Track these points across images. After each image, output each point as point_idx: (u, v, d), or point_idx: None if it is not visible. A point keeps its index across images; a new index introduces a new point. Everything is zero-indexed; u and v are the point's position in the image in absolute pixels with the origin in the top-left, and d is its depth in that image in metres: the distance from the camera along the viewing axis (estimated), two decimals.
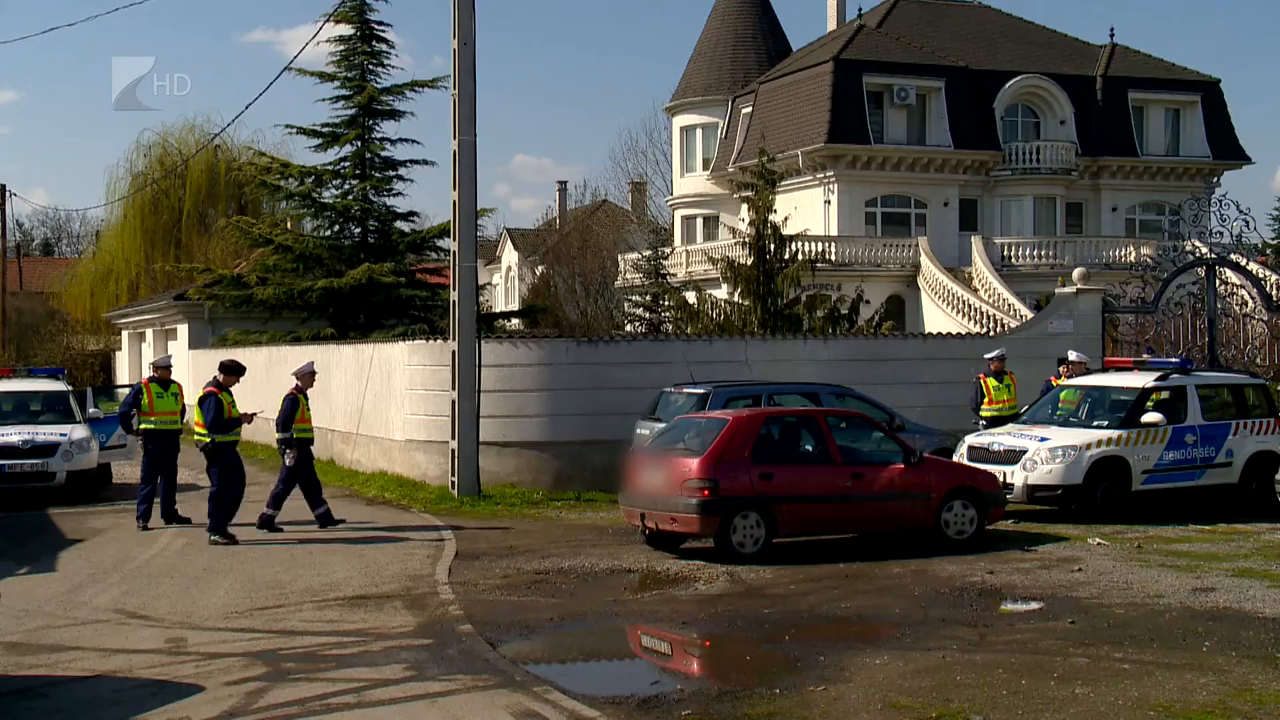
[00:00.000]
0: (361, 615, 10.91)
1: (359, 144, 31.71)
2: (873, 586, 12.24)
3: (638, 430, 17.84)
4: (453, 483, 18.57)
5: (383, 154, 31.94)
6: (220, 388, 15.42)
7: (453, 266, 18.74)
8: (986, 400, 18.90)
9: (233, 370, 15.69)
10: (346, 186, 32.31)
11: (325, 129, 31.90)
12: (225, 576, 12.82)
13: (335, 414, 23.45)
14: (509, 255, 65.86)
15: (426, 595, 11.80)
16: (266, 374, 26.73)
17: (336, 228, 32.69)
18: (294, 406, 15.98)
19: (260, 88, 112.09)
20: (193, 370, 35.22)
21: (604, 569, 13.24)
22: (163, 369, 17.10)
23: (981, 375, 19.05)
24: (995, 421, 18.53)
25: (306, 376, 16.45)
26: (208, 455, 15.33)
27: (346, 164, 32.05)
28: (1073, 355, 19.61)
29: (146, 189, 49.09)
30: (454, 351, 18.41)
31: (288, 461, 15.96)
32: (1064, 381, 18.86)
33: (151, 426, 16.55)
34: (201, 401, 15.30)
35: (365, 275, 29.82)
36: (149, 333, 42.39)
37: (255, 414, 16.18)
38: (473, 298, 18.75)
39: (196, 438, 15.43)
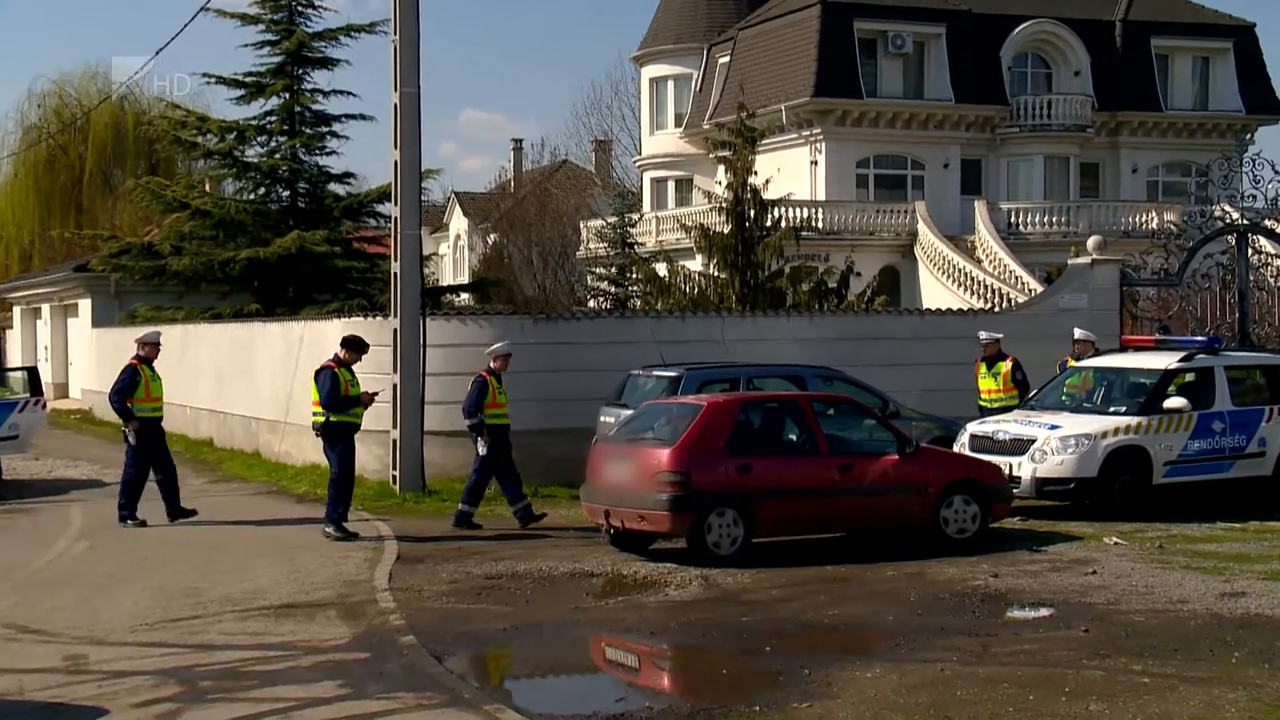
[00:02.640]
0: (290, 626, 10.87)
1: (287, 96, 31.50)
2: (863, 591, 12.29)
3: (601, 418, 17.87)
4: (394, 477, 18.54)
5: (314, 107, 31.79)
6: (340, 363, 15.51)
7: (394, 234, 18.66)
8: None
9: (355, 346, 15.76)
10: (273, 144, 32.13)
11: (249, 79, 31.67)
12: (133, 584, 12.74)
13: (261, 400, 23.35)
14: (458, 222, 65.69)
15: (364, 603, 11.78)
16: (181, 354, 26.55)
17: (262, 190, 32.51)
18: (483, 389, 16.09)
19: (174, 30, 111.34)
20: (96, 352, 35.01)
21: (563, 573, 13.26)
22: (151, 345, 16.80)
23: (977, 360, 19.05)
24: (986, 413, 18.56)
25: (502, 358, 16.48)
26: (325, 436, 15.42)
27: (273, 118, 31.86)
28: (1079, 333, 19.63)
29: (41, 144, 48.64)
30: (395, 330, 18.37)
31: (481, 450, 16.10)
32: (1076, 363, 18.92)
33: (149, 414, 16.41)
34: (317, 376, 15.37)
35: (295, 244, 29.65)
36: (45, 308, 42.03)
37: (375, 394, 16.08)
38: (417, 269, 18.69)
39: (316, 418, 15.46)
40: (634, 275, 36.89)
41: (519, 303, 42.72)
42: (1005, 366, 18.88)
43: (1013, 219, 42.38)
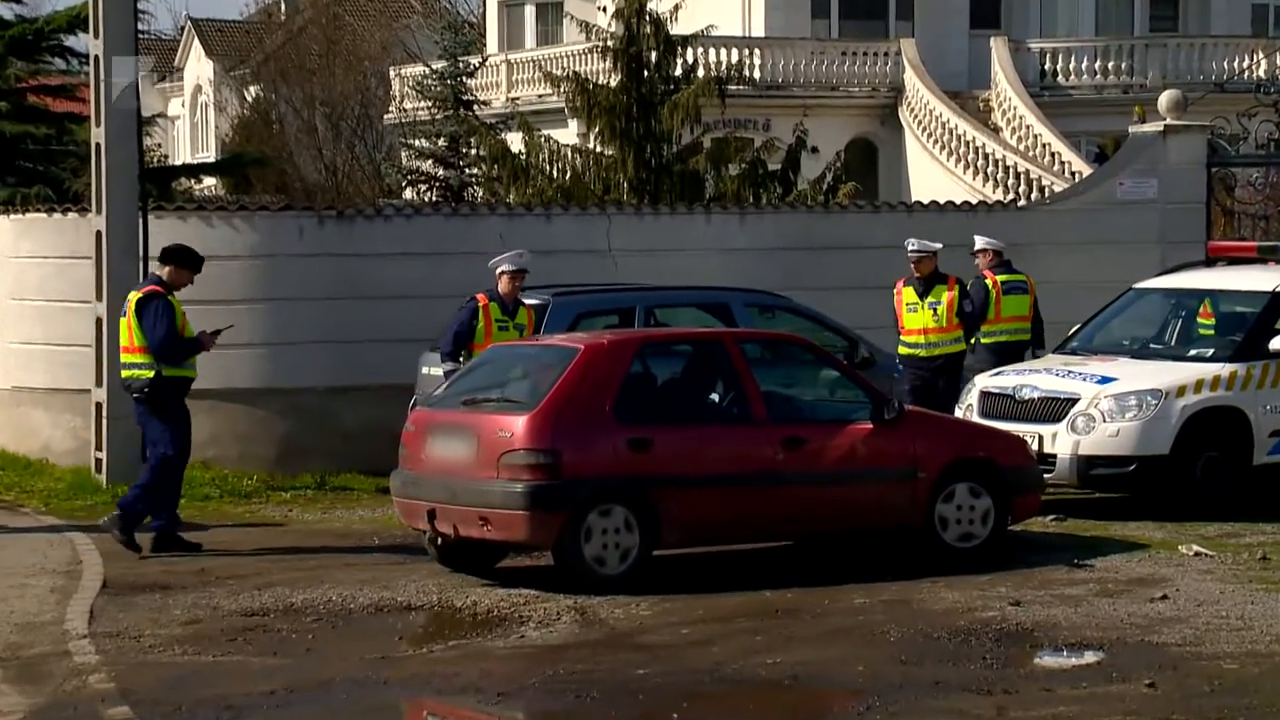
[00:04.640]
0: None
1: None
2: (820, 629, 12.41)
3: (423, 369, 17.93)
4: (98, 461, 18.49)
5: None
6: (167, 289, 15.41)
7: (94, 84, 18.44)
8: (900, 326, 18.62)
9: (185, 261, 15.65)
10: None
11: None
12: None
13: None
14: (198, 67, 65.04)
15: (49, 657, 11.69)
16: None
17: None
18: (471, 319, 16.14)
19: None
20: None
21: (365, 604, 13.28)
22: None
23: (900, 281, 18.68)
24: (910, 362, 18.46)
25: (512, 274, 16.35)
26: (148, 399, 15.32)
27: None
28: (981, 242, 19.47)
29: None
30: (100, 233, 18.20)
31: None
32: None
33: None
34: (140, 309, 15.16)
35: None
36: None
37: (218, 332, 15.96)
38: (133, 140, 18.52)
39: (136, 372, 15.29)
40: (474, 150, 36.76)
41: (296, 192, 42.40)
42: (948, 294, 18.50)
43: (1046, 65, 42.70)
